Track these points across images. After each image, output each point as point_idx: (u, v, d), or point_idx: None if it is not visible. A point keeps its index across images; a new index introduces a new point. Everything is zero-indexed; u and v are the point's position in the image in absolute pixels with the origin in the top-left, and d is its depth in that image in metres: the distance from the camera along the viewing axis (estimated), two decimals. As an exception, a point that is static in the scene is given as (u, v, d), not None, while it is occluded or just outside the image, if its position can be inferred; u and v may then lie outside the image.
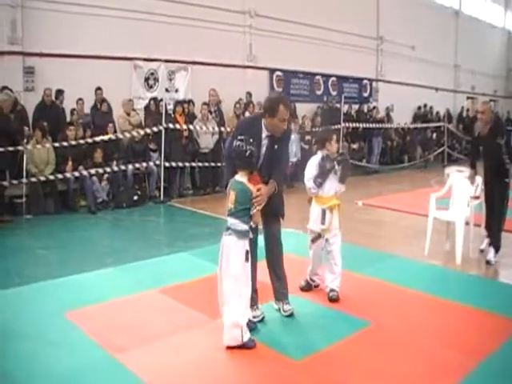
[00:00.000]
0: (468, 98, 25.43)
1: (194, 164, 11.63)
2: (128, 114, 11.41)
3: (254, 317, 4.66)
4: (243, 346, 4.08)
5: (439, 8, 22.81)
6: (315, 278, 5.50)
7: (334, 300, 5.12)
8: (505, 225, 7.07)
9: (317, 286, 5.51)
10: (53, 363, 3.89)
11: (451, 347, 4.26)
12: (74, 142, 9.87)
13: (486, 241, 7.14)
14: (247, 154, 4.15)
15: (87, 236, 8.14)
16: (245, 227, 4.14)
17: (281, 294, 4.89)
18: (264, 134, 4.63)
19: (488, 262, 6.85)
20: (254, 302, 4.73)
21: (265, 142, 4.62)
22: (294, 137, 12.04)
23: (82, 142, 10.03)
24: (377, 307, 5.08)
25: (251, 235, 4.23)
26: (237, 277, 4.10)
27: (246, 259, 4.11)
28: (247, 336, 4.11)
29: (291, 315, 4.79)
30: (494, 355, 4.10)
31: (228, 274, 4.12)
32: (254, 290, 4.71)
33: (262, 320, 4.70)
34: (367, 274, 6.02)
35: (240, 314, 4.10)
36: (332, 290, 5.19)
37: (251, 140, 4.23)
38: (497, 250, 6.91)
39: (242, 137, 4.24)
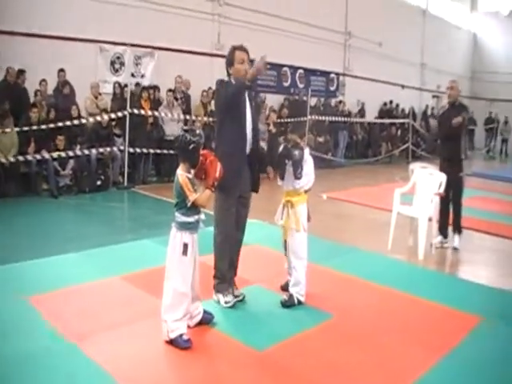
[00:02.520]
0: (433, 96, 25.79)
1: (158, 151, 11.50)
2: (96, 98, 11.23)
3: (226, 302, 4.73)
4: (173, 344, 3.95)
5: (407, 7, 23.11)
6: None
7: (282, 305, 4.85)
8: (462, 222, 7.45)
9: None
10: (10, 349, 3.80)
11: (412, 342, 4.29)
12: (36, 127, 9.60)
13: (439, 238, 7.39)
14: (191, 147, 3.94)
15: (48, 220, 7.97)
16: (183, 219, 3.99)
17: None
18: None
19: (455, 249, 7.28)
20: (226, 287, 4.79)
21: (244, 99, 4.75)
22: (261, 127, 12.00)
23: (49, 126, 9.78)
24: (340, 300, 5.10)
25: (196, 227, 4.07)
26: (171, 270, 4.01)
27: (184, 252, 3.96)
28: (175, 333, 3.94)
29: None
30: (454, 350, 4.14)
31: (166, 266, 4.05)
32: (230, 275, 4.86)
33: (233, 306, 4.74)
34: (331, 266, 6.04)
35: (165, 309, 4.00)
36: (288, 295, 4.93)
37: (198, 131, 4.12)
38: (460, 232, 7.41)
39: (188, 127, 4.16)
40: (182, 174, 3.98)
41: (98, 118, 10.59)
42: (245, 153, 4.74)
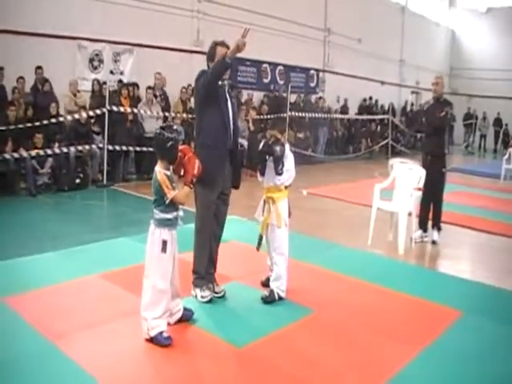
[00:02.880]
0: (412, 92, 25.95)
1: (138, 148, 11.42)
2: (74, 95, 11.14)
3: (203, 297, 4.74)
4: (153, 341, 3.92)
5: (386, 3, 23.21)
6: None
7: (263, 300, 4.84)
8: (442, 217, 7.53)
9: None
10: (-13, 349, 3.75)
11: (392, 336, 4.31)
12: (14, 126, 9.48)
13: (419, 232, 7.46)
14: (168, 144, 3.89)
15: (26, 219, 7.87)
16: (162, 216, 3.97)
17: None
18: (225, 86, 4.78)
19: (434, 242, 7.39)
20: (204, 282, 4.79)
21: (225, 94, 4.76)
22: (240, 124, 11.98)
23: (27, 124, 9.66)
24: (320, 295, 5.11)
25: (175, 224, 4.05)
26: (150, 267, 3.98)
27: (163, 249, 3.94)
28: (155, 331, 3.91)
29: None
30: (433, 344, 4.17)
31: (146, 263, 4.02)
32: (210, 271, 4.87)
33: (210, 301, 4.74)
34: (311, 262, 6.05)
35: (144, 307, 3.98)
36: (269, 290, 4.93)
37: (175, 127, 4.07)
38: (439, 230, 7.50)
39: (165, 124, 4.15)
40: (160, 171, 3.95)
41: (77, 116, 10.47)
42: (226, 146, 4.72)
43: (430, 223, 7.55)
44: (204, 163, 4.11)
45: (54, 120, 10.13)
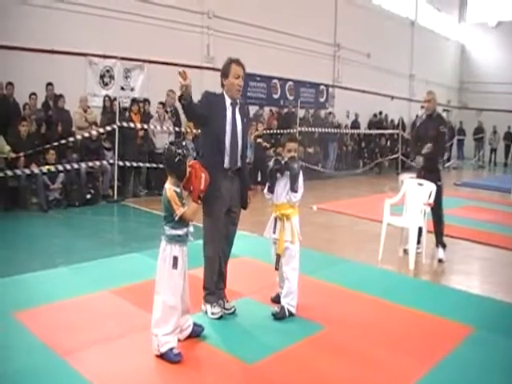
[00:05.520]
0: (422, 107, 25.80)
1: (148, 165, 11.48)
2: (85, 111, 11.23)
3: (213, 313, 4.73)
4: (163, 358, 3.91)
5: (396, 18, 23.27)
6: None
7: (274, 316, 4.82)
8: (452, 232, 7.53)
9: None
10: (-2, 365, 3.76)
11: (403, 353, 4.28)
12: (28, 142, 9.56)
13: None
14: (176, 159, 3.90)
15: (37, 234, 7.92)
16: (172, 232, 3.98)
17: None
18: (228, 102, 4.75)
19: (440, 260, 7.27)
20: (215, 298, 4.78)
21: (229, 113, 4.72)
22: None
23: (42, 140, 9.74)
24: (330, 311, 5.09)
25: (185, 240, 4.06)
26: (161, 283, 3.99)
27: (174, 265, 3.95)
28: (166, 347, 3.91)
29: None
30: (444, 361, 4.14)
31: (156, 279, 4.03)
32: (220, 287, 4.86)
33: (220, 317, 4.74)
34: (321, 278, 6.03)
35: (154, 323, 3.97)
36: (279, 307, 4.89)
37: (184, 143, 4.08)
38: (444, 247, 7.37)
39: (174, 140, 4.15)
40: (169, 187, 3.97)
41: (86, 134, 10.54)
42: (222, 166, 4.68)
43: (424, 235, 7.38)
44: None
45: (71, 139, 10.26)
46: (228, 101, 4.75)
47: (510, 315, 5.36)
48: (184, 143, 4.07)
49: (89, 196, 10.43)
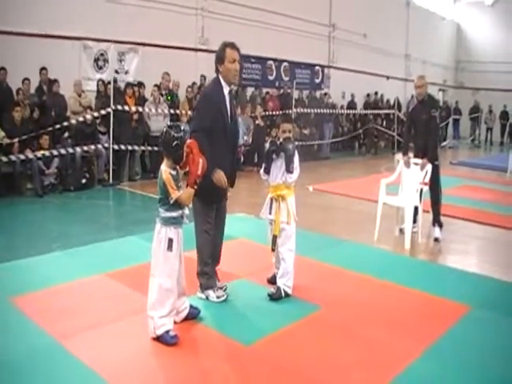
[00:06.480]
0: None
1: (143, 148, 11.44)
2: (79, 95, 11.16)
3: (218, 297, 4.73)
4: (160, 340, 3.92)
5: (391, -3, 23.08)
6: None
7: (270, 297, 4.82)
8: (448, 211, 7.50)
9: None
10: (-5, 349, 3.76)
11: (400, 332, 4.29)
12: (21, 127, 9.52)
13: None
14: (174, 143, 3.86)
15: (33, 220, 7.91)
16: (167, 214, 3.96)
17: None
18: (226, 90, 4.67)
19: (436, 239, 7.27)
20: (213, 281, 4.79)
21: (227, 102, 4.66)
22: (240, 119, 11.96)
23: (37, 125, 9.68)
24: (327, 292, 5.10)
25: (180, 222, 4.04)
26: (157, 266, 3.98)
27: (169, 248, 3.94)
28: (162, 329, 3.91)
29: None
30: (441, 339, 4.15)
31: (152, 262, 4.02)
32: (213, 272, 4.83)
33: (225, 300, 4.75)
34: (318, 258, 6.04)
35: (151, 306, 3.97)
36: (275, 288, 4.90)
37: (182, 127, 4.04)
38: (441, 226, 7.36)
39: (173, 123, 4.12)
40: (165, 170, 3.94)
41: (81, 119, 10.48)
42: (226, 151, 4.68)
43: (420, 214, 7.39)
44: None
45: (65, 123, 10.22)
46: (226, 89, 4.67)
47: (506, 294, 5.38)
48: (182, 127, 4.02)
49: (84, 180, 10.40)
